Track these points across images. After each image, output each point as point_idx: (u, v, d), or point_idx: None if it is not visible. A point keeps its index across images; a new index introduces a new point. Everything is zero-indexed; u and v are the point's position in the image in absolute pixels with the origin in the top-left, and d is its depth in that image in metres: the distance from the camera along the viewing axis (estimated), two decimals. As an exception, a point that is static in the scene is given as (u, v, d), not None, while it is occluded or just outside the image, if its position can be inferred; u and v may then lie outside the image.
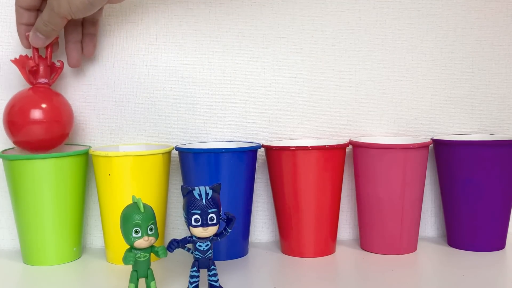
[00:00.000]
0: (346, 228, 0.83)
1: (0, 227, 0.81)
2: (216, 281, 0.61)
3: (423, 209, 0.79)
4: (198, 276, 0.60)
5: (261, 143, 0.77)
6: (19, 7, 0.71)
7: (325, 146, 0.72)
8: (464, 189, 0.74)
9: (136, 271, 0.59)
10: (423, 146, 0.73)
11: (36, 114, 0.71)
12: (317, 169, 0.72)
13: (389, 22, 0.80)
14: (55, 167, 0.71)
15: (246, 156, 0.73)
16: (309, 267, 0.71)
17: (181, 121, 0.81)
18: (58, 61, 0.75)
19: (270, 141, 0.80)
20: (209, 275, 0.61)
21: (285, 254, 0.76)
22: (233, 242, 0.73)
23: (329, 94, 0.81)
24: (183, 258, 0.74)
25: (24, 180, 0.71)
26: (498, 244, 0.76)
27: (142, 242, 0.57)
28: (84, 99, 0.80)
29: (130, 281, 0.59)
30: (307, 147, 0.72)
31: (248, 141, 0.81)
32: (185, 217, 0.59)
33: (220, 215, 0.59)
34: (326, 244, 0.75)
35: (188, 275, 0.61)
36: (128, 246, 0.58)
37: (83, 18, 0.74)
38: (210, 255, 0.60)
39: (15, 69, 0.79)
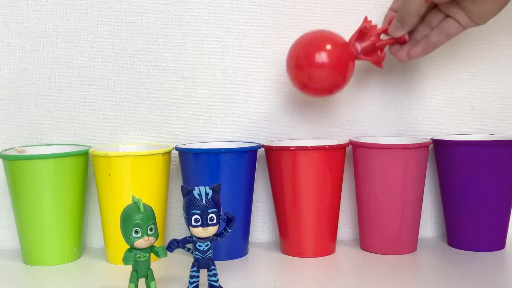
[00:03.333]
0: (346, 228, 0.83)
1: (0, 227, 0.81)
2: (216, 281, 0.61)
3: (423, 209, 0.79)
4: (198, 276, 0.60)
5: (261, 143, 0.77)
6: None
7: (325, 146, 0.72)
8: (464, 189, 0.74)
9: (136, 271, 0.59)
10: (423, 146, 0.73)
11: (323, 57, 0.69)
12: (317, 169, 0.72)
13: (389, 22, 0.80)
14: (55, 167, 0.71)
15: (246, 156, 0.73)
16: (309, 267, 0.71)
17: (181, 121, 0.81)
18: (383, 53, 0.73)
19: (270, 141, 0.80)
20: (209, 275, 0.61)
21: (285, 254, 0.76)
22: (233, 242, 0.73)
23: (329, 94, 0.81)
24: (183, 258, 0.74)
25: (24, 180, 0.71)
26: (498, 244, 0.76)
27: (142, 242, 0.57)
28: (84, 99, 0.80)
29: (130, 281, 0.59)
30: (307, 147, 0.72)
31: (248, 141, 0.81)
32: (185, 217, 0.59)
33: (220, 215, 0.59)
34: (326, 244, 0.75)
35: (188, 275, 0.61)
36: (128, 246, 0.58)
37: (436, 26, 0.72)
38: (210, 255, 0.60)
39: (16, 69, 0.79)
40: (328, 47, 0.71)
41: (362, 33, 0.73)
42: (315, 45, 0.71)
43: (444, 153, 0.76)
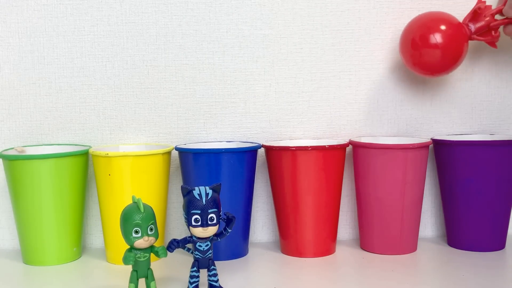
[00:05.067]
0: (346, 228, 0.83)
1: (0, 227, 0.81)
2: (216, 281, 0.61)
3: (423, 209, 0.79)
4: (198, 276, 0.60)
5: (261, 143, 0.77)
6: None
7: (325, 146, 0.72)
8: (464, 189, 0.74)
9: (136, 271, 0.59)
10: (423, 146, 0.73)
11: (438, 38, 0.72)
12: (317, 169, 0.72)
13: (389, 22, 0.80)
14: (55, 167, 0.71)
15: (246, 156, 0.73)
16: (309, 267, 0.71)
17: (181, 121, 0.81)
18: (497, 32, 0.74)
19: (270, 141, 0.80)
20: (209, 275, 0.61)
21: (285, 254, 0.76)
22: (233, 242, 0.73)
23: (329, 94, 0.81)
24: (183, 258, 0.74)
25: (24, 180, 0.71)
26: (498, 244, 0.76)
27: (142, 242, 0.57)
28: (84, 99, 0.80)
29: (130, 281, 0.59)
30: (307, 147, 0.72)
31: (248, 141, 0.81)
32: (185, 217, 0.59)
33: (220, 215, 0.59)
34: (326, 244, 0.75)
35: (188, 275, 0.61)
36: (128, 246, 0.58)
37: None
38: (210, 255, 0.60)
39: (16, 69, 0.79)
40: (443, 27, 0.72)
41: (476, 13, 0.74)
42: (430, 26, 0.73)
43: (444, 153, 0.76)
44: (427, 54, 0.73)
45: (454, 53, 0.73)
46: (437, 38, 0.72)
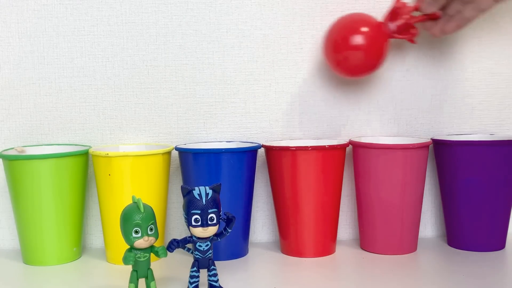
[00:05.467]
0: (346, 228, 0.83)
1: (0, 227, 0.81)
2: (216, 281, 0.61)
3: (423, 209, 0.79)
4: (198, 276, 0.60)
5: (261, 143, 0.77)
6: None
7: (325, 146, 0.72)
8: (464, 189, 0.74)
9: (136, 271, 0.59)
10: (423, 146, 0.73)
11: (359, 39, 0.72)
12: (317, 169, 0.72)
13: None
14: (55, 167, 0.71)
15: (246, 156, 0.73)
16: (309, 267, 0.71)
17: (181, 121, 0.81)
18: (416, 29, 0.75)
19: (270, 141, 0.80)
20: (209, 275, 0.61)
21: (285, 254, 0.76)
22: (233, 242, 0.73)
23: (329, 94, 0.81)
24: (183, 258, 0.74)
25: (24, 180, 0.71)
26: (498, 244, 0.76)
27: (142, 242, 0.57)
28: (84, 99, 0.80)
29: (130, 281, 0.59)
30: (307, 147, 0.72)
31: (248, 141, 0.81)
32: (185, 217, 0.59)
33: (220, 215, 0.59)
34: (326, 244, 0.75)
35: (188, 275, 0.61)
36: (128, 246, 0.58)
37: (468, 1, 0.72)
38: (210, 255, 0.60)
39: (16, 69, 0.79)
40: (363, 29, 0.73)
41: (394, 12, 0.74)
42: (351, 28, 0.74)
43: (444, 153, 0.76)
44: (350, 56, 0.73)
45: (376, 53, 0.74)
46: (358, 39, 0.73)
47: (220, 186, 0.60)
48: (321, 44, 0.76)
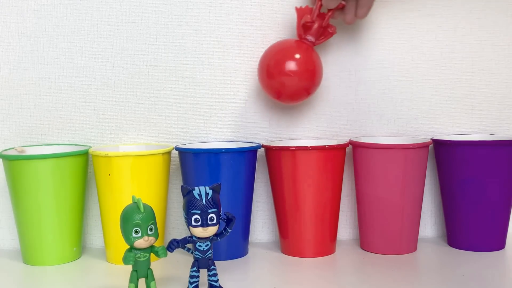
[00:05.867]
0: (346, 228, 0.83)
1: (0, 227, 0.81)
2: (216, 281, 0.61)
3: (423, 209, 0.79)
4: (198, 276, 0.60)
5: (261, 143, 0.77)
6: None
7: (325, 146, 0.72)
8: (464, 189, 0.74)
9: (136, 271, 0.59)
10: (423, 146, 0.73)
11: (291, 65, 0.72)
12: (317, 169, 0.72)
13: (389, 22, 0.80)
14: (55, 167, 0.71)
15: (246, 156, 0.73)
16: (309, 267, 0.71)
17: (181, 121, 0.81)
18: (332, 27, 0.75)
19: (270, 141, 0.80)
20: (209, 275, 0.61)
21: (285, 254, 0.76)
22: (233, 242, 0.73)
23: (329, 94, 0.81)
24: (183, 258, 0.74)
25: (24, 180, 0.71)
26: (498, 244, 0.76)
27: (142, 242, 0.57)
28: (84, 99, 0.80)
29: (130, 281, 0.59)
30: (307, 147, 0.72)
31: (248, 141, 0.81)
32: (185, 217, 0.59)
33: (220, 215, 0.59)
34: (326, 244, 0.75)
35: (188, 275, 0.61)
36: (128, 246, 0.58)
37: None
38: (210, 255, 0.60)
39: (16, 69, 0.79)
40: (290, 54, 0.73)
41: (305, 25, 0.75)
42: (279, 57, 0.74)
43: (444, 153, 0.76)
44: (287, 82, 0.73)
45: (309, 69, 0.74)
46: (290, 65, 0.73)
47: (220, 186, 0.60)
48: (258, 74, 0.76)
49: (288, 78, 0.73)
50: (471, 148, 0.73)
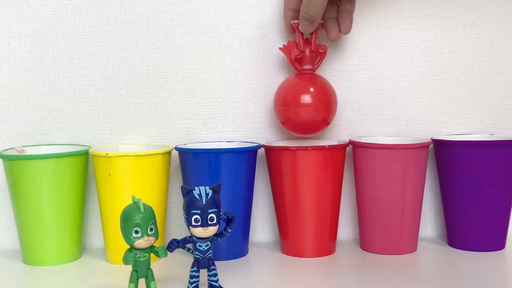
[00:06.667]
0: (346, 228, 0.83)
1: (0, 227, 0.81)
2: (216, 281, 0.61)
3: (423, 209, 0.79)
4: (198, 276, 0.60)
5: (261, 143, 0.77)
6: None
7: (325, 146, 0.72)
8: (464, 189, 0.74)
9: (136, 271, 0.59)
10: (423, 146, 0.73)
11: (306, 99, 0.73)
12: (317, 169, 0.72)
13: (389, 22, 0.81)
14: (55, 167, 0.71)
15: (246, 156, 0.73)
16: (309, 267, 0.71)
17: (181, 121, 0.81)
18: (322, 46, 0.76)
19: (270, 141, 0.80)
20: (209, 275, 0.61)
21: (285, 254, 0.76)
22: (233, 242, 0.73)
23: (329, 94, 0.81)
24: (183, 258, 0.74)
25: (24, 180, 0.71)
26: (498, 244, 0.76)
27: (142, 242, 0.57)
28: (84, 99, 0.80)
29: (130, 281, 0.59)
30: (307, 147, 0.72)
31: (248, 141, 0.81)
32: (185, 217, 0.59)
33: (220, 215, 0.59)
34: (326, 244, 0.75)
35: (188, 275, 0.61)
36: (128, 246, 0.58)
37: None
38: (210, 255, 0.60)
39: (16, 69, 0.79)
40: (300, 89, 0.74)
41: (297, 58, 0.75)
42: (291, 94, 0.74)
43: (444, 153, 0.76)
44: (304, 112, 0.73)
45: (324, 92, 0.74)
46: (305, 98, 0.73)
47: (220, 186, 0.60)
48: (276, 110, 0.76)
49: (304, 112, 0.73)
50: (471, 148, 0.73)
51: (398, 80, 0.81)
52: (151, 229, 0.57)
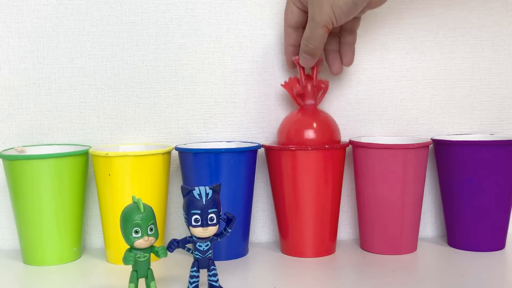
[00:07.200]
0: (346, 228, 0.83)
1: (0, 227, 0.81)
2: (216, 281, 0.61)
3: (423, 209, 0.79)
4: (198, 276, 0.60)
5: (261, 143, 0.77)
6: (287, 26, 0.74)
7: (325, 146, 0.72)
8: (464, 189, 0.74)
9: (136, 271, 0.59)
10: (423, 146, 0.73)
11: (310, 134, 0.73)
12: (317, 169, 0.72)
13: (389, 22, 0.81)
14: (55, 167, 0.71)
15: (246, 156, 0.73)
16: (309, 267, 0.71)
17: (181, 121, 0.81)
18: (324, 82, 0.76)
19: (270, 141, 0.80)
20: (209, 275, 0.61)
21: (285, 254, 0.76)
22: (233, 242, 0.73)
23: (329, 94, 0.81)
24: (183, 258, 0.74)
25: (24, 180, 0.71)
26: (498, 244, 0.76)
27: (142, 242, 0.57)
28: (84, 99, 0.80)
29: (130, 281, 0.59)
30: (307, 147, 0.72)
31: (248, 141, 0.81)
32: (185, 217, 0.59)
33: (220, 215, 0.59)
34: (326, 244, 0.75)
35: (188, 275, 0.61)
36: (128, 246, 0.58)
37: (341, 28, 0.74)
38: (210, 255, 0.60)
39: (16, 69, 0.79)
40: (305, 124, 0.74)
41: (299, 93, 0.75)
42: (296, 128, 0.74)
43: (444, 153, 0.76)
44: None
45: (326, 123, 0.74)
46: (310, 134, 0.73)
47: (220, 186, 0.60)
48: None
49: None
50: (471, 148, 0.73)
51: (398, 80, 0.81)
52: (151, 229, 0.57)
